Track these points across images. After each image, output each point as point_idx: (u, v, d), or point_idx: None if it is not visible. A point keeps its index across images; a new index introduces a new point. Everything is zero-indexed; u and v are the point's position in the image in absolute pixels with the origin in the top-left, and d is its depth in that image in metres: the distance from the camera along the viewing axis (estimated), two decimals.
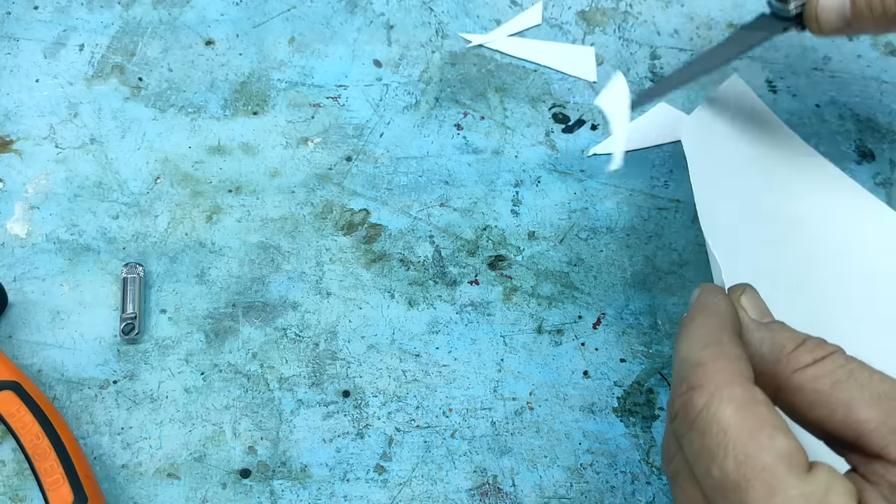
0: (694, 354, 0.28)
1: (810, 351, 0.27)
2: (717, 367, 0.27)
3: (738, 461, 0.24)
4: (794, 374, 0.27)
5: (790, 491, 0.24)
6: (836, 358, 0.27)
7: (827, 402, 0.26)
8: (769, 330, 0.29)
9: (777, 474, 0.24)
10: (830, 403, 0.26)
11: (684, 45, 0.51)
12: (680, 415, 0.27)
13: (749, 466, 0.24)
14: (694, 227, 0.45)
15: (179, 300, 0.42)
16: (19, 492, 0.37)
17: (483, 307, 0.42)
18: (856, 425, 0.25)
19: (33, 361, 0.40)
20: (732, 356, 0.27)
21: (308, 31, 0.50)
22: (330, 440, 0.39)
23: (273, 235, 0.44)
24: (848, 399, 0.26)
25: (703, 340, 0.28)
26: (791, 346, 0.28)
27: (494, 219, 0.45)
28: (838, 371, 0.26)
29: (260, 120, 0.47)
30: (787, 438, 0.25)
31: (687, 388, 0.27)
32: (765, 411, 0.25)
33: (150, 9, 0.50)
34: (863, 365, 0.27)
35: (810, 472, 0.24)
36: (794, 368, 0.27)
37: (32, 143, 0.45)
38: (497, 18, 0.51)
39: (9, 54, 0.48)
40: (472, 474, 0.38)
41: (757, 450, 0.24)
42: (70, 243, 0.43)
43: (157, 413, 0.39)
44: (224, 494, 0.37)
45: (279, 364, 0.40)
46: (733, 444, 0.25)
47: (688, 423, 0.26)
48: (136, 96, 0.47)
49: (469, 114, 0.48)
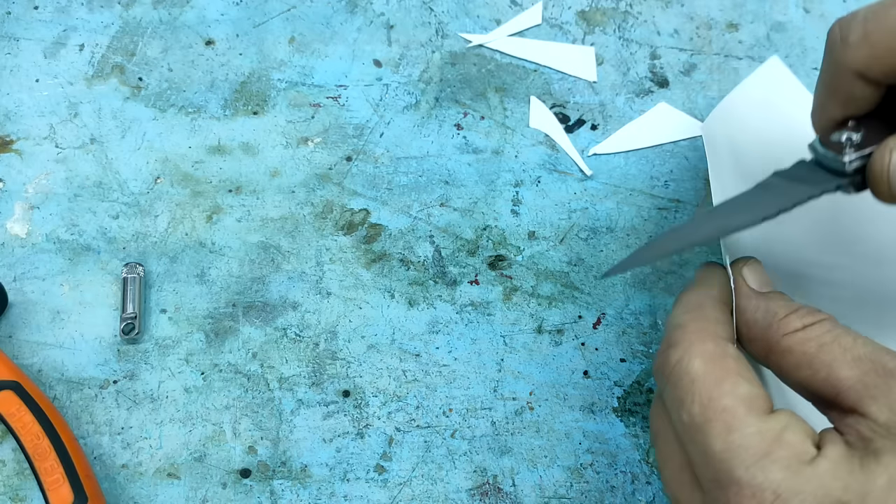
0: (676, 318, 0.30)
1: (801, 317, 0.29)
2: (693, 327, 0.29)
3: (702, 405, 0.27)
4: (784, 337, 0.29)
5: (747, 429, 0.26)
6: (825, 324, 0.28)
7: (811, 363, 0.28)
8: (765, 298, 0.30)
9: (736, 414, 0.26)
10: (815, 364, 0.28)
11: (684, 45, 0.51)
12: (658, 371, 0.29)
13: (711, 408, 0.27)
14: None
15: (179, 300, 0.42)
16: (19, 492, 0.37)
17: (483, 307, 0.42)
18: (835, 382, 0.27)
19: (33, 361, 0.40)
20: (711, 318, 0.30)
21: (308, 31, 0.50)
22: (330, 440, 0.39)
23: (273, 235, 0.44)
24: (830, 360, 0.27)
25: (687, 307, 0.31)
26: (783, 312, 0.29)
27: (494, 219, 0.45)
28: (825, 335, 0.28)
29: (260, 120, 0.47)
30: (751, 385, 0.27)
31: (666, 346, 0.29)
32: (732, 363, 0.28)
33: (150, 9, 0.50)
34: (848, 331, 0.28)
35: (770, 414, 0.27)
36: (784, 332, 0.29)
37: (32, 143, 0.45)
38: (497, 18, 0.51)
39: (9, 54, 0.48)
40: (472, 474, 0.38)
41: (720, 394, 0.27)
42: (70, 243, 0.43)
43: (157, 413, 0.39)
44: (224, 494, 0.37)
45: (279, 364, 0.40)
46: (699, 390, 0.27)
47: (664, 377, 0.29)
48: (136, 96, 0.47)
49: (469, 114, 0.48)
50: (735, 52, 0.51)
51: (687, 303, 0.31)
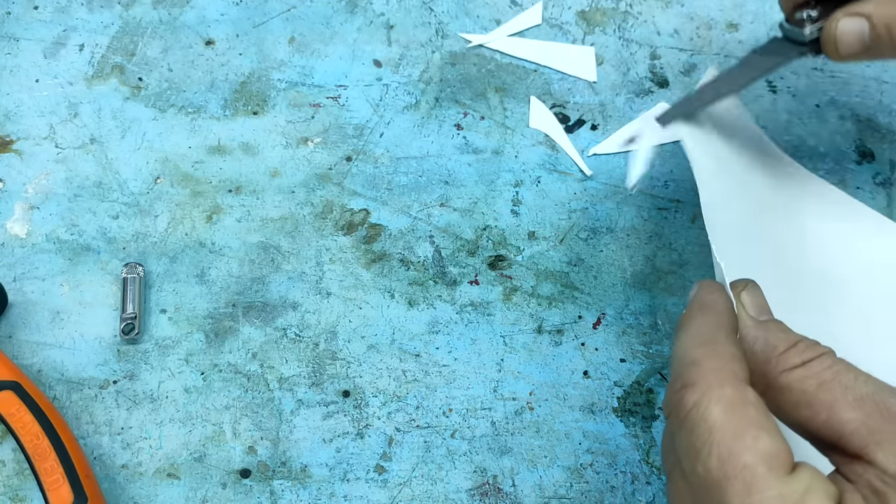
0: (689, 352, 0.28)
1: (800, 353, 0.28)
2: (710, 366, 0.27)
3: (720, 459, 0.25)
4: (782, 374, 0.27)
5: (767, 491, 0.24)
6: (824, 360, 0.27)
7: (811, 403, 0.26)
8: (765, 329, 0.29)
9: (757, 473, 0.24)
10: (815, 404, 0.26)
11: (684, 45, 0.51)
12: (672, 412, 0.27)
13: (730, 465, 0.25)
14: (694, 227, 0.45)
15: (179, 300, 0.42)
16: (19, 492, 0.37)
17: (483, 307, 0.42)
18: (837, 426, 0.26)
19: (33, 361, 0.40)
20: (727, 356, 0.27)
21: (308, 31, 0.50)
22: (330, 440, 0.39)
23: (273, 235, 0.44)
24: (831, 400, 0.26)
25: (699, 339, 0.28)
26: (783, 346, 0.28)
27: (494, 219, 0.45)
28: (825, 373, 0.27)
29: (260, 120, 0.47)
30: (773, 439, 0.25)
31: (681, 385, 0.27)
32: (753, 412, 0.26)
33: (150, 9, 0.50)
34: (849, 367, 0.27)
35: (792, 474, 0.25)
36: (783, 369, 0.27)
37: (32, 143, 0.45)
38: (497, 18, 0.51)
39: (9, 54, 0.48)
40: (472, 474, 0.38)
41: (740, 449, 0.25)
42: (70, 243, 0.43)
43: (157, 413, 0.39)
44: (224, 494, 0.37)
45: (279, 364, 0.40)
46: (717, 442, 0.25)
47: (678, 420, 0.27)
48: (136, 96, 0.47)
49: (469, 114, 0.48)
50: (735, 52, 0.51)
51: (698, 334, 0.29)
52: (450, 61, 0.50)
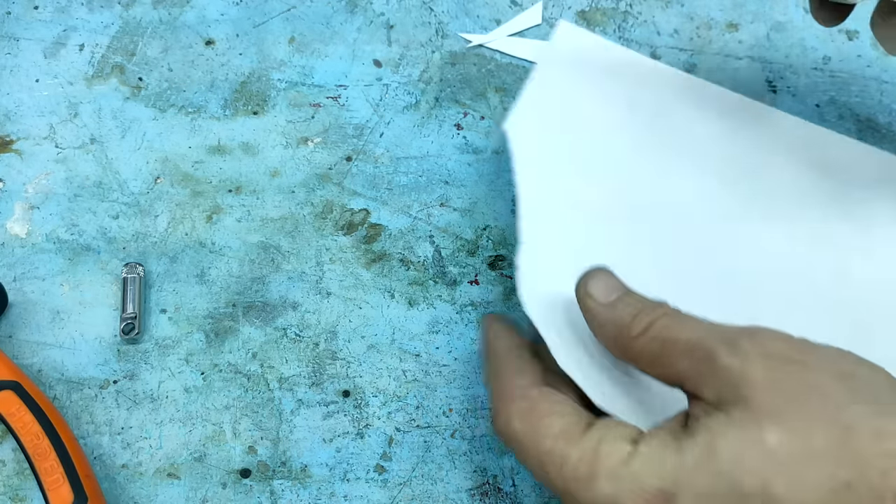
0: (489, 388, 0.33)
1: (640, 322, 0.30)
2: (500, 391, 0.32)
3: (536, 458, 0.29)
4: (632, 341, 0.30)
5: (570, 460, 0.28)
6: (663, 320, 0.30)
7: (659, 362, 0.29)
8: (611, 309, 0.31)
9: (558, 451, 0.28)
10: (661, 361, 0.29)
11: (684, 45, 0.51)
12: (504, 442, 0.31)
13: (541, 456, 0.29)
14: None
15: (179, 300, 0.42)
16: (19, 492, 0.37)
17: (483, 307, 0.42)
18: (679, 375, 0.29)
19: (33, 361, 0.40)
20: (511, 374, 0.32)
21: (308, 31, 0.50)
22: (330, 440, 0.39)
23: (273, 235, 0.44)
24: (670, 355, 0.29)
25: (491, 372, 0.33)
26: (628, 318, 0.31)
27: (494, 219, 0.45)
28: (662, 332, 0.29)
29: (260, 120, 0.47)
30: (563, 418, 0.29)
31: (493, 414, 0.32)
32: (543, 406, 0.30)
33: (150, 9, 0.50)
34: (679, 317, 0.30)
35: (585, 434, 0.28)
36: (631, 337, 0.30)
37: (32, 143, 0.45)
38: (497, 18, 0.51)
39: (9, 54, 0.48)
40: (473, 474, 0.38)
41: (540, 439, 0.29)
42: (70, 243, 0.43)
43: (157, 413, 0.39)
44: (224, 494, 0.37)
45: (279, 364, 0.40)
46: (528, 447, 0.29)
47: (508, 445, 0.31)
48: (136, 96, 0.47)
49: (469, 114, 0.48)
50: (735, 52, 0.51)
51: (489, 368, 0.34)
52: (450, 61, 0.50)
